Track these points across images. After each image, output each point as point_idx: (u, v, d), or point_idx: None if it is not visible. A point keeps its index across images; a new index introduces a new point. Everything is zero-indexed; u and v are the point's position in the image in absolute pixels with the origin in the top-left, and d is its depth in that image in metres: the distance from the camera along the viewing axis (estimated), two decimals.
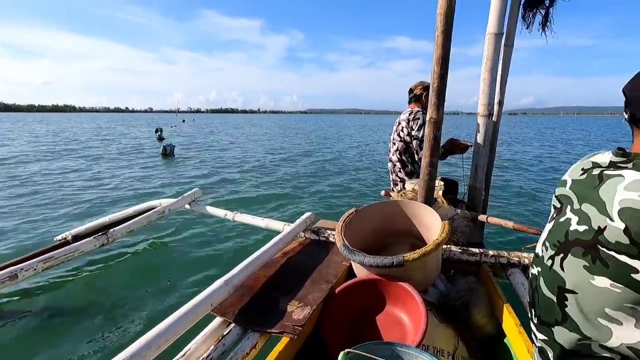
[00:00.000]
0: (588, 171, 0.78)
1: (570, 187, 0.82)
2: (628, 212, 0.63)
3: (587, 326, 0.71)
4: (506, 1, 2.07)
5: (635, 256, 0.62)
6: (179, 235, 3.50)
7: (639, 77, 0.72)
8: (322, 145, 15.06)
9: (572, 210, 0.78)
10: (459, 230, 1.72)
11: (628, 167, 0.69)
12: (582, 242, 0.72)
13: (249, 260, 1.37)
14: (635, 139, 0.74)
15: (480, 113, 2.22)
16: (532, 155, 11.62)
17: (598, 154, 0.80)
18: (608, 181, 0.70)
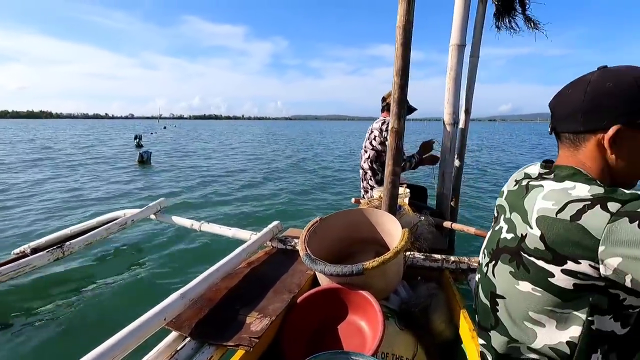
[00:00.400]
0: (519, 182, 0.83)
1: (506, 197, 0.87)
2: (543, 220, 0.67)
3: (515, 329, 0.75)
4: (468, 14, 2.16)
5: (551, 261, 0.65)
6: (142, 247, 3.40)
7: (559, 94, 0.76)
8: (305, 152, 15.06)
9: (504, 219, 0.83)
10: (422, 237, 1.76)
11: (549, 178, 0.74)
12: (509, 249, 0.76)
13: (209, 272, 1.34)
14: (560, 151, 0.78)
15: (446, 121, 2.29)
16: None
17: (530, 166, 0.85)
18: (532, 191, 0.74)
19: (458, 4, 2.10)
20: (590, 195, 0.62)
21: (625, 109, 0.65)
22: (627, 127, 0.66)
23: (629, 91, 0.64)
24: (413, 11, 1.48)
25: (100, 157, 12.19)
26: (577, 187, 0.66)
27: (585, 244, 0.59)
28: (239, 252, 1.57)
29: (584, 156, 0.72)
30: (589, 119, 0.69)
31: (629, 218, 0.56)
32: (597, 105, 0.67)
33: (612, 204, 0.58)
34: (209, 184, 7.16)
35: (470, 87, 2.51)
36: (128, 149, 15.48)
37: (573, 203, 0.63)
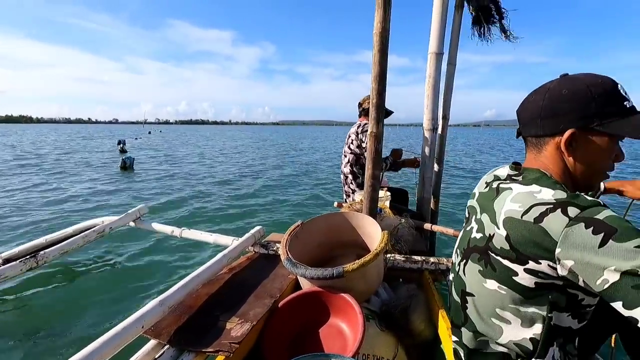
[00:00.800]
0: (489, 184, 0.86)
1: (477, 199, 0.90)
2: (509, 221, 0.71)
3: (483, 326, 0.79)
4: (445, 23, 2.22)
5: (515, 260, 0.69)
6: (120, 255, 3.31)
7: (524, 100, 0.81)
8: (293, 157, 15.02)
9: (475, 220, 0.86)
10: (403, 239, 1.79)
11: (518, 180, 0.77)
12: (478, 248, 0.79)
13: (189, 278, 1.33)
14: (527, 154, 0.83)
15: (426, 127, 2.35)
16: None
17: (500, 168, 0.89)
18: (502, 193, 0.78)
19: (435, 14, 2.17)
20: (553, 200, 0.65)
21: (579, 114, 0.69)
22: (581, 130, 0.70)
23: (582, 97, 0.69)
24: (389, 18, 1.52)
25: (81, 162, 11.81)
26: (543, 191, 0.69)
27: (545, 245, 0.63)
28: (220, 257, 1.55)
29: (546, 159, 0.76)
30: (547, 123, 0.73)
31: (585, 223, 0.59)
32: (554, 111, 0.72)
33: (572, 209, 0.62)
34: (193, 189, 7.04)
35: (448, 93, 2.57)
36: (111, 154, 15.10)
37: (537, 206, 0.66)
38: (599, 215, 0.59)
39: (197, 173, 9.57)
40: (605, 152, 0.72)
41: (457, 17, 2.44)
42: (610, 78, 0.71)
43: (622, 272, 0.54)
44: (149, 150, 17.73)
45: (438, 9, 2.16)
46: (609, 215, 0.59)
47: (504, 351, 0.76)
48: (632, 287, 0.54)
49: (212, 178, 8.62)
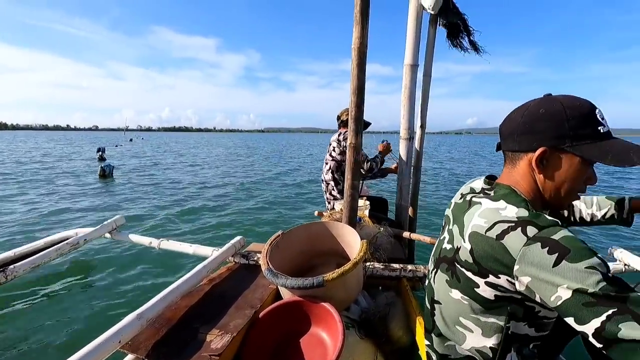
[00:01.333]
0: (464, 196, 0.89)
1: (452, 209, 0.93)
2: (474, 235, 0.74)
3: (449, 332, 0.83)
4: (419, 37, 2.31)
5: (477, 273, 0.73)
6: (96, 268, 3.19)
7: (507, 117, 0.83)
8: (279, 165, 14.95)
9: (447, 230, 0.89)
10: (382, 248, 1.82)
11: (488, 195, 0.81)
12: (447, 258, 0.83)
13: (167, 291, 1.31)
14: (503, 168, 0.86)
15: (402, 136, 2.41)
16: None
17: (475, 180, 0.92)
18: (473, 207, 0.81)
19: (410, 27, 2.26)
20: (515, 218, 0.69)
21: (552, 133, 0.72)
22: (553, 150, 0.73)
23: (557, 117, 0.71)
24: (367, 34, 1.57)
25: (58, 171, 11.34)
26: (508, 208, 0.72)
27: (505, 262, 0.66)
28: (200, 269, 1.54)
29: (518, 174, 0.79)
30: (523, 139, 0.76)
31: (541, 243, 0.62)
32: (530, 128, 0.75)
33: (531, 228, 0.65)
34: (174, 199, 6.88)
35: (425, 103, 2.66)
36: (90, 162, 14.59)
37: (501, 223, 0.69)
38: (555, 235, 0.63)
39: (179, 181, 9.36)
40: (576, 173, 0.74)
41: (431, 31, 2.54)
42: (589, 102, 0.72)
43: (573, 290, 0.58)
44: (130, 158, 17.26)
45: (412, 23, 2.25)
46: (564, 235, 0.63)
47: (469, 355, 0.81)
48: (582, 305, 0.57)
49: (194, 187, 8.46)
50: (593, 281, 0.57)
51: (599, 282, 0.57)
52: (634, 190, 8.79)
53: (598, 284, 0.57)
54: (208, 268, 1.59)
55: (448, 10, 2.35)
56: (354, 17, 1.54)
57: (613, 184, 9.71)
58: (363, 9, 1.52)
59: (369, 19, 1.54)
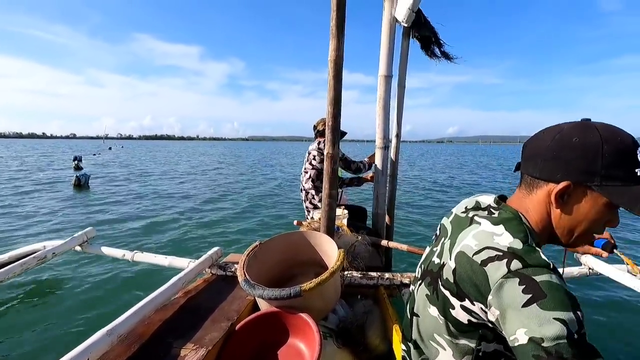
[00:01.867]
0: (468, 211, 0.83)
1: (452, 220, 0.87)
2: (461, 255, 0.70)
3: (423, 345, 0.83)
4: (393, 48, 2.38)
5: (455, 294, 0.70)
6: (65, 283, 3.05)
7: (534, 135, 0.75)
8: (263, 173, 14.80)
9: (441, 242, 0.84)
10: (359, 256, 1.84)
11: (492, 216, 0.75)
12: (432, 273, 0.80)
13: (140, 305, 1.28)
14: (517, 191, 0.79)
15: (378, 145, 2.46)
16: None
17: (485, 195, 0.85)
18: (472, 225, 0.76)
19: (384, 40, 2.33)
20: (506, 248, 0.64)
21: (581, 167, 0.64)
22: (578, 185, 0.66)
23: (591, 150, 0.63)
24: (343, 47, 1.61)
25: (30, 180, 10.82)
26: (504, 235, 0.67)
27: (482, 290, 0.64)
28: (175, 281, 1.51)
29: (532, 202, 0.73)
30: (546, 167, 0.69)
31: (519, 280, 0.59)
32: (557, 156, 0.67)
33: (516, 262, 0.61)
34: (152, 209, 6.68)
35: (400, 113, 2.73)
36: (65, 171, 13.99)
37: (490, 250, 0.65)
38: (538, 277, 0.58)
39: (158, 191, 9.08)
40: (598, 214, 0.67)
41: (404, 43, 2.62)
42: (631, 138, 0.64)
43: (529, 337, 0.55)
44: (108, 167, 16.68)
45: (386, 36, 2.32)
46: (547, 280, 0.58)
47: None
48: (532, 355, 0.54)
49: (173, 197, 8.23)
50: (553, 335, 0.53)
51: (559, 338, 0.53)
52: None
53: (556, 340, 0.53)
54: (183, 280, 1.56)
55: (420, 24, 2.44)
56: (330, 31, 1.58)
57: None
58: (339, 22, 1.56)
59: (344, 32, 1.59)
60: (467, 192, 9.73)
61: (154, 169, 16.53)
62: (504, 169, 19.07)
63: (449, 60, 2.75)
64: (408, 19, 2.26)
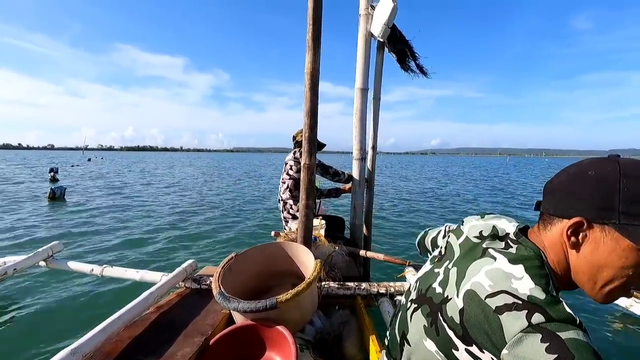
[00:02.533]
0: (482, 238, 0.74)
1: (462, 243, 0.78)
2: (471, 295, 0.62)
3: None
4: (369, 62, 2.44)
5: (460, 337, 0.63)
6: (26, 301, 2.88)
7: (558, 173, 0.69)
8: (250, 185, 14.56)
9: (445, 266, 0.76)
10: (337, 266, 1.84)
11: (509, 251, 0.66)
12: (432, 303, 0.72)
13: (108, 322, 1.22)
14: (535, 227, 0.72)
15: (355, 157, 2.50)
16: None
17: (504, 220, 0.76)
18: (484, 259, 0.68)
19: (360, 53, 2.39)
20: (526, 297, 0.57)
21: (595, 202, 0.58)
22: (593, 223, 0.59)
23: (606, 185, 0.57)
24: (319, 60, 1.64)
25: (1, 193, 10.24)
26: (523, 280, 0.59)
27: (494, 340, 0.56)
28: (146, 296, 1.46)
29: (547, 240, 0.66)
30: (560, 202, 0.64)
31: (542, 336, 0.52)
32: (570, 191, 0.62)
33: (538, 315, 0.54)
34: (128, 222, 6.41)
35: (376, 125, 2.78)
36: (40, 183, 13.35)
37: (507, 295, 0.58)
38: (563, 333, 0.51)
39: (136, 204, 8.72)
40: (620, 260, 0.57)
41: (379, 58, 2.69)
42: None
43: None
44: (86, 179, 15.96)
45: (362, 49, 2.39)
46: (574, 338, 0.51)
47: None
48: None
49: (150, 209, 7.93)
50: None
51: None
52: None
53: None
54: (155, 295, 1.51)
55: (395, 38, 2.52)
56: (307, 44, 1.61)
57: None
58: (314, 36, 1.60)
59: (320, 45, 1.62)
60: (471, 202, 9.95)
61: (134, 181, 15.98)
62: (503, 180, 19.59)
63: (423, 74, 2.84)
64: (383, 34, 2.33)
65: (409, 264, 1.91)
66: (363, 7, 2.39)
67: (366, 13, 2.38)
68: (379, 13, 2.27)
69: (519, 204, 10.00)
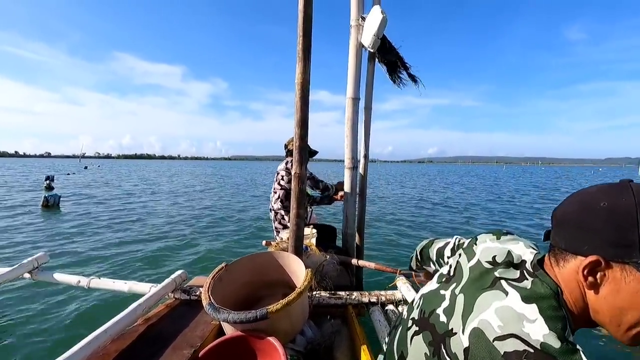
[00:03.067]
0: (495, 265, 0.67)
1: (472, 266, 0.71)
2: (478, 334, 0.57)
3: None
4: (360, 72, 2.47)
5: None
6: (8, 315, 2.80)
7: (566, 199, 0.64)
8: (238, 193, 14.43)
9: (452, 290, 0.70)
10: (328, 276, 1.84)
11: (524, 286, 0.60)
12: (434, 331, 0.67)
13: (94, 335, 1.19)
14: (546, 257, 0.66)
15: (347, 166, 2.51)
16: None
17: (521, 244, 0.70)
18: (494, 291, 0.62)
19: (351, 63, 2.42)
20: (539, 345, 0.51)
21: (611, 239, 0.52)
22: (612, 262, 0.53)
23: (621, 218, 0.52)
24: (309, 70, 1.66)
25: None
26: (537, 323, 0.53)
27: None
28: (134, 307, 1.43)
29: (563, 277, 0.60)
30: (572, 236, 0.58)
31: None
32: (582, 225, 0.56)
33: None
34: (120, 232, 6.24)
35: (367, 134, 2.80)
36: (35, 192, 13.10)
37: (517, 340, 0.52)
38: None
39: (132, 213, 8.50)
40: None
41: (370, 68, 2.72)
42: None
43: None
44: (82, 188, 15.67)
45: (353, 59, 2.42)
46: None
47: None
48: None
49: (145, 219, 7.73)
50: None
51: None
52: None
53: None
54: (144, 306, 1.48)
55: (385, 49, 2.56)
56: (297, 54, 1.63)
57: None
58: (305, 47, 1.62)
59: (310, 57, 1.64)
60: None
61: (129, 189, 15.74)
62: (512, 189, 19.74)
63: (415, 83, 2.88)
64: (373, 44, 2.36)
65: (399, 272, 1.91)
66: (354, 18, 2.44)
67: (357, 24, 2.42)
68: (369, 24, 2.31)
69: (516, 212, 10.07)
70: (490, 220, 8.53)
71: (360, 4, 2.45)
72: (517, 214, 9.60)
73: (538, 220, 8.71)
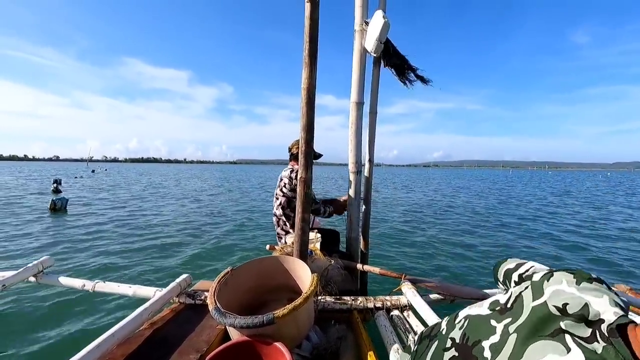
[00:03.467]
0: (564, 314, 0.57)
1: (536, 306, 0.61)
2: None
3: None
4: (364, 76, 2.48)
5: None
6: (14, 319, 2.80)
7: None
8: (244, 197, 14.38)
9: (505, 325, 0.64)
10: (333, 280, 1.83)
11: (591, 348, 0.52)
12: None
13: (100, 340, 1.19)
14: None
15: (351, 170, 2.51)
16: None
17: (606, 299, 0.55)
18: (554, 343, 0.55)
19: (355, 68, 2.43)
20: None
21: None
22: None
23: None
24: (315, 75, 1.67)
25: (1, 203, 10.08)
26: None
27: None
28: (140, 312, 1.43)
29: None
30: None
31: None
32: None
33: None
34: (126, 236, 6.23)
35: (372, 139, 2.80)
36: (42, 195, 13.17)
37: None
38: None
39: (139, 217, 8.52)
40: None
41: (375, 72, 2.73)
42: None
43: None
44: (89, 191, 15.76)
45: (357, 64, 2.43)
46: None
47: None
48: None
49: (151, 223, 7.74)
50: None
51: None
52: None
53: None
54: (149, 311, 1.48)
55: (389, 54, 2.57)
56: (303, 60, 1.64)
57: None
58: (311, 53, 1.63)
59: (316, 62, 1.65)
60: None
61: (135, 192, 15.72)
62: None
63: (424, 83, 2.87)
64: (376, 49, 2.37)
65: (405, 277, 1.91)
66: (358, 23, 2.45)
67: (361, 29, 2.43)
68: (371, 29, 2.32)
69: (528, 215, 9.91)
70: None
71: (365, 9, 2.46)
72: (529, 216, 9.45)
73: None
